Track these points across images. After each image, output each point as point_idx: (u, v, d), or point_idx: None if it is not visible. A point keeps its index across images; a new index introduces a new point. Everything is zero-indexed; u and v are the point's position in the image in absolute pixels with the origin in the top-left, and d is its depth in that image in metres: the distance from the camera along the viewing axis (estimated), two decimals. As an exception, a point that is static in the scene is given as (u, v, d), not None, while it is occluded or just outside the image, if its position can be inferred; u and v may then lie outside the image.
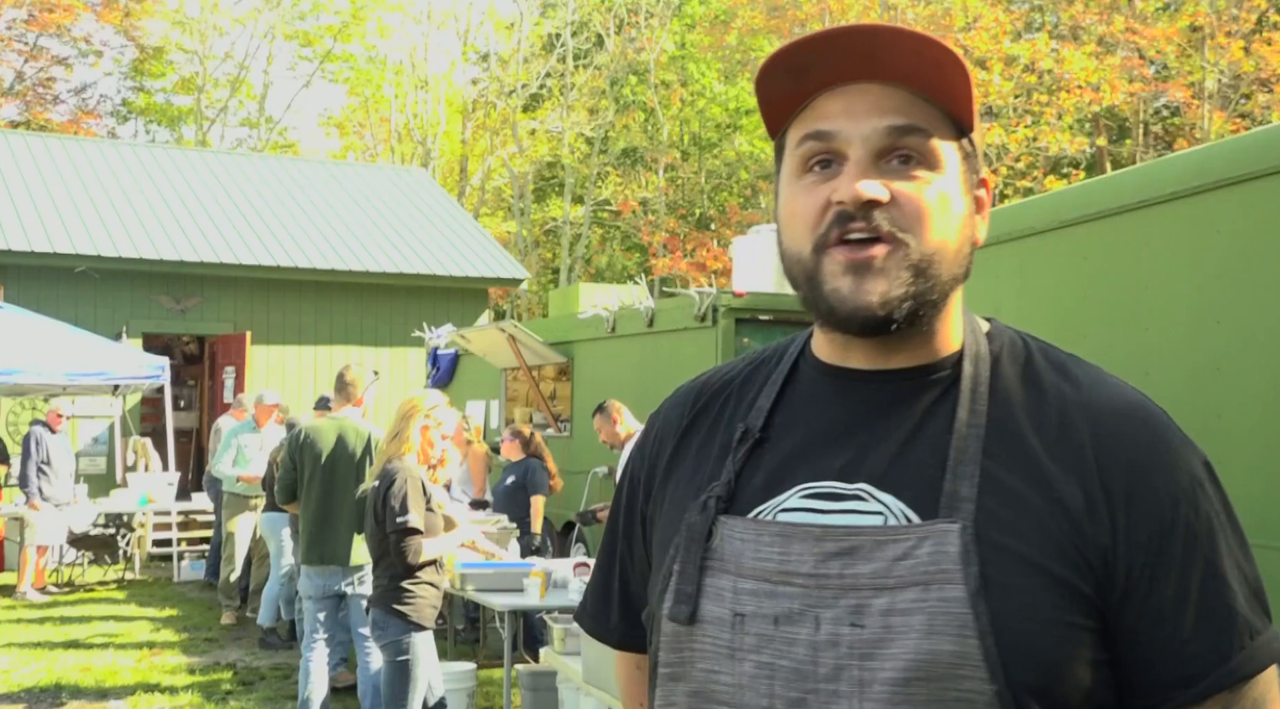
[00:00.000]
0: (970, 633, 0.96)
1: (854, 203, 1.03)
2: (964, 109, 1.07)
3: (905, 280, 1.03)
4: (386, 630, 4.56)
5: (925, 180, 1.05)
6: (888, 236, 1.03)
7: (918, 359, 1.10)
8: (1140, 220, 3.92)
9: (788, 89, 1.08)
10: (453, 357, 11.78)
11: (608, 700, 3.90)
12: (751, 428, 1.13)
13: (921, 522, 1.01)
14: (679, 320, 7.99)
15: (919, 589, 0.98)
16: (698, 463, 1.16)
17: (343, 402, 5.97)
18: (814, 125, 1.07)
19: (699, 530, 1.08)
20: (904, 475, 1.04)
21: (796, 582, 1.02)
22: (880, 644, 0.98)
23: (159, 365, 11.43)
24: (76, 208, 14.85)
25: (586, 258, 27.04)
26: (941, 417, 1.07)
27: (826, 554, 1.02)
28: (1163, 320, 3.80)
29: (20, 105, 27.57)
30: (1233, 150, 3.68)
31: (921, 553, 0.99)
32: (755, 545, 1.05)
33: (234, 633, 8.63)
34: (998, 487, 1.02)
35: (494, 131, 27.35)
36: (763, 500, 1.08)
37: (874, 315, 1.04)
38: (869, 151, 1.04)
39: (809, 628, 1.01)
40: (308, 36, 30.08)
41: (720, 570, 1.06)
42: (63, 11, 26.15)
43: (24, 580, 10.23)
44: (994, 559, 0.99)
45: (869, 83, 1.06)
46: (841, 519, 1.04)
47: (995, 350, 1.12)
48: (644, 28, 25.56)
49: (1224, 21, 16.68)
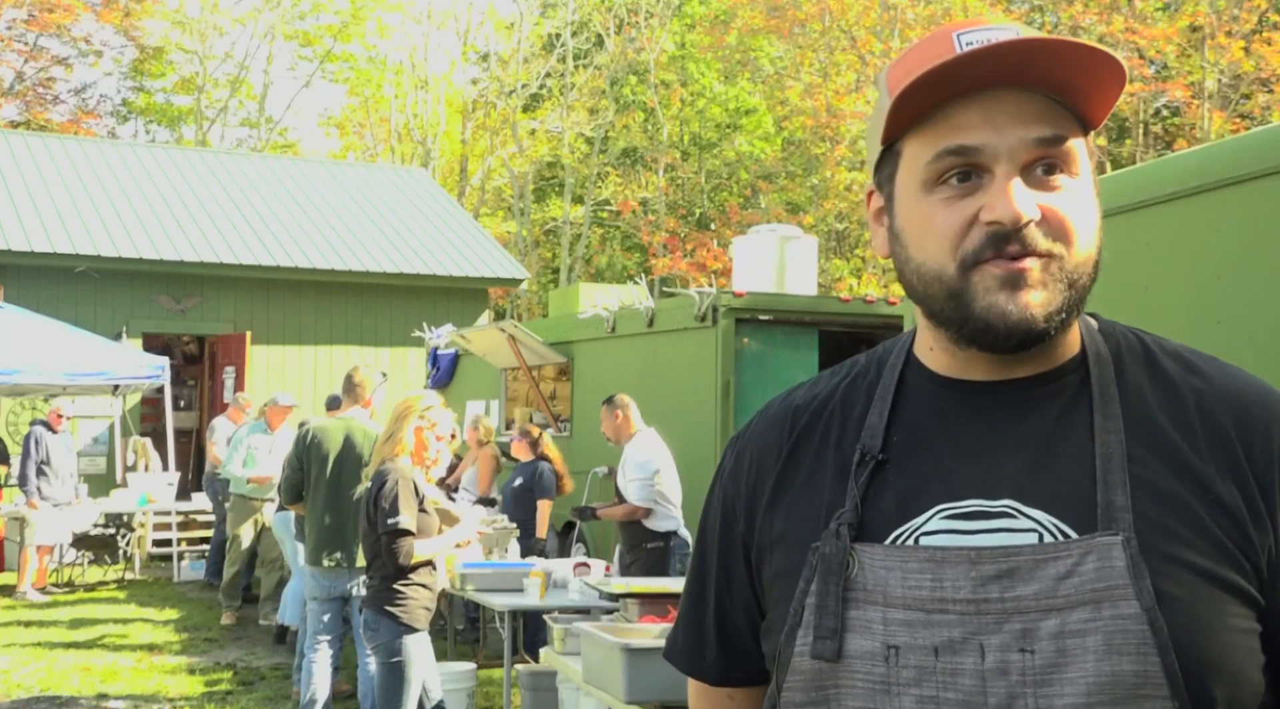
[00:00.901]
0: (1150, 650, 0.92)
1: (1013, 224, 0.99)
2: (1103, 112, 1.03)
3: (1061, 291, 1.00)
4: (379, 632, 4.56)
5: (1069, 190, 1.02)
6: (1045, 253, 1.00)
7: (1042, 366, 1.06)
8: (1140, 220, 3.92)
9: (922, 98, 1.02)
10: (453, 357, 11.78)
11: (608, 700, 3.90)
12: (870, 449, 1.07)
13: (1080, 536, 0.97)
14: (679, 320, 7.99)
15: (1090, 608, 0.94)
16: (810, 490, 1.10)
17: (350, 402, 5.97)
18: (954, 139, 1.01)
19: (835, 560, 1.02)
20: (1050, 488, 1.00)
21: (954, 609, 0.97)
22: (1055, 669, 0.94)
23: (159, 365, 11.44)
24: (76, 208, 14.85)
25: (586, 258, 27.04)
26: (1077, 423, 1.03)
27: (984, 577, 0.97)
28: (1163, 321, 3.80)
29: (20, 105, 27.57)
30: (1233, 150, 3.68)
31: (1086, 569, 0.95)
32: (902, 573, 1.00)
33: (234, 633, 8.63)
34: (1151, 491, 0.99)
35: (494, 131, 27.34)
36: (898, 524, 1.03)
37: (1035, 329, 1.00)
38: (1017, 166, 1.00)
39: (974, 657, 0.96)
40: (308, 36, 30.08)
41: (865, 602, 1.00)
42: (63, 11, 26.15)
43: (24, 580, 10.23)
44: (1163, 570, 0.95)
45: (1006, 90, 1.01)
46: (993, 539, 0.99)
47: (1113, 349, 1.08)
48: (644, 28, 25.55)
49: (1224, 21, 16.69)
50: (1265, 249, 3.46)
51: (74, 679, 7.18)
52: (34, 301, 13.05)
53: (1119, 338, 1.10)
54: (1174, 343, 1.11)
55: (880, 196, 1.11)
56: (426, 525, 4.63)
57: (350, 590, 5.62)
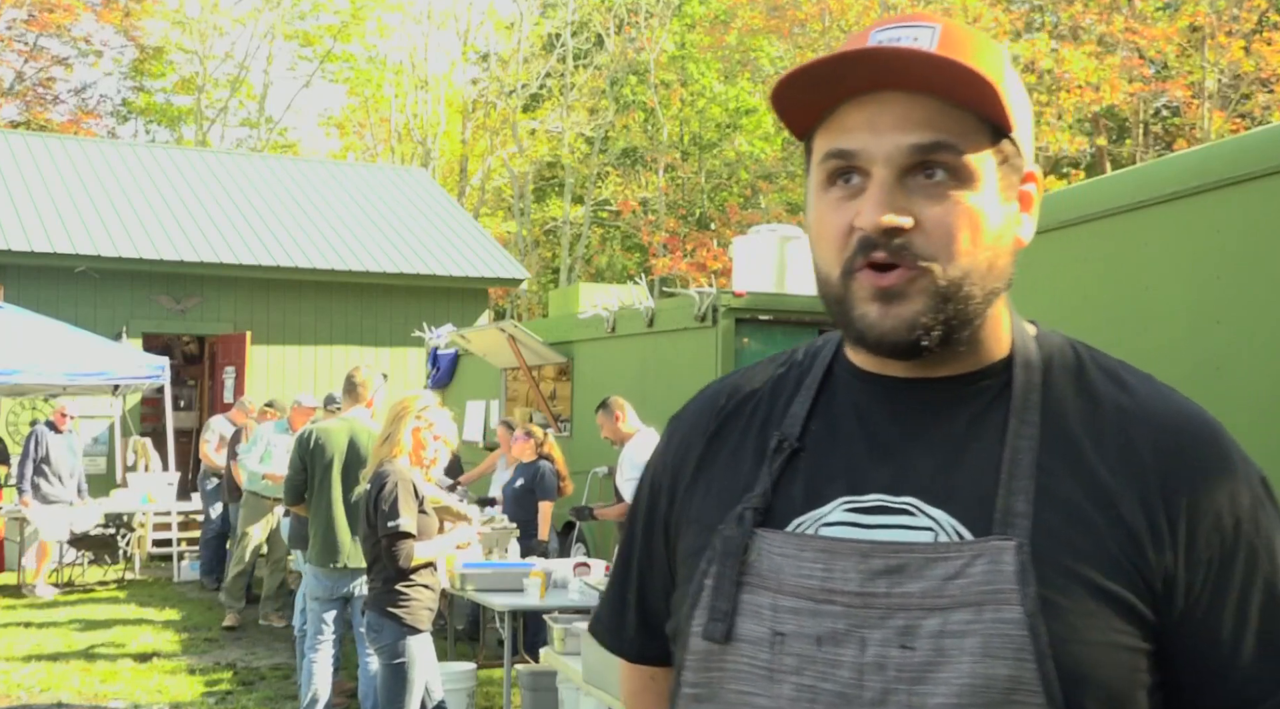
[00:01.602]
0: (1028, 656, 0.92)
1: (875, 232, 0.98)
2: (1001, 117, 1.00)
3: (933, 304, 0.99)
4: (381, 634, 4.56)
5: (955, 199, 0.99)
6: (910, 264, 0.99)
7: (963, 368, 1.06)
8: (1140, 220, 3.92)
9: (807, 100, 1.03)
10: (453, 357, 11.78)
11: (608, 700, 3.90)
12: (788, 436, 1.08)
13: (974, 538, 0.97)
14: (679, 320, 7.99)
15: (973, 610, 0.94)
16: (728, 471, 1.11)
17: (352, 402, 5.96)
18: (836, 141, 1.02)
19: (735, 544, 1.03)
20: (954, 489, 1.00)
21: (840, 600, 0.98)
22: (931, 668, 0.94)
23: (159, 365, 11.43)
24: (76, 208, 14.85)
25: (586, 258, 27.04)
26: (992, 427, 1.03)
27: (873, 571, 0.98)
28: (1163, 321, 3.80)
29: (20, 105, 27.56)
30: (1233, 150, 3.68)
31: (975, 572, 0.95)
32: (797, 561, 1.00)
33: (234, 633, 8.63)
34: (1054, 501, 0.98)
35: (494, 131, 27.34)
36: (802, 512, 1.03)
37: (901, 342, 1.00)
38: (893, 171, 0.99)
39: (854, 649, 0.96)
40: (308, 36, 30.07)
41: (759, 587, 1.01)
42: (63, 11, 26.14)
43: (39, 575, 10.34)
44: (1052, 579, 0.95)
45: (892, 92, 0.99)
46: (889, 535, 0.99)
47: (1045, 356, 1.07)
48: (644, 28, 25.55)
49: (1224, 21, 16.68)
50: (1265, 249, 3.46)
51: (74, 679, 7.18)
52: (34, 301, 13.05)
53: (1053, 347, 1.09)
54: (1111, 358, 1.10)
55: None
56: (426, 526, 4.63)
57: (352, 591, 5.63)
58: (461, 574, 5.86)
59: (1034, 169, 1.08)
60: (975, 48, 1.01)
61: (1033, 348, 1.08)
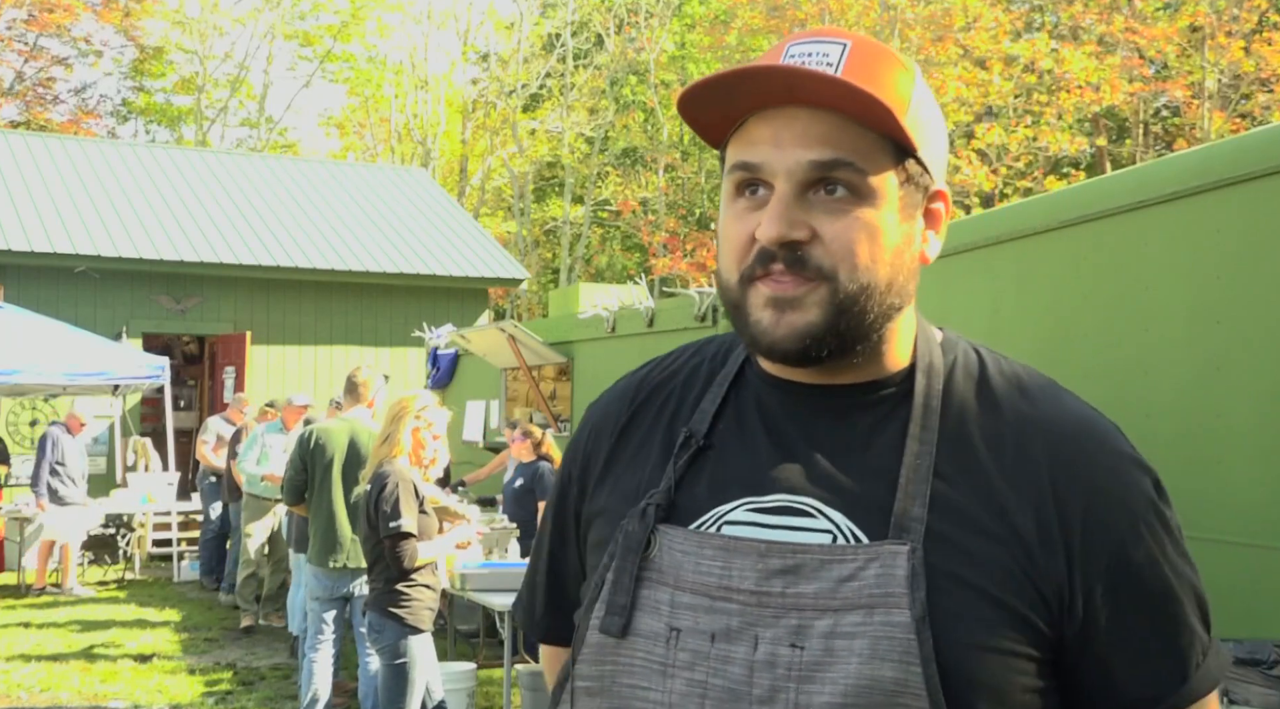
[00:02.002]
0: (913, 660, 0.93)
1: (772, 244, 1.01)
2: (899, 136, 1.02)
3: (827, 316, 1.01)
4: (383, 634, 4.56)
5: (854, 215, 1.01)
6: (811, 275, 1.01)
7: (865, 376, 1.07)
8: (1140, 220, 3.92)
9: (717, 112, 1.05)
10: (452, 357, 11.78)
11: (608, 701, 3.90)
12: (696, 433, 1.09)
13: (870, 542, 0.98)
14: (679, 320, 7.99)
15: (863, 612, 0.95)
16: (636, 464, 1.12)
17: (352, 402, 5.96)
18: (742, 154, 1.04)
19: (636, 539, 1.04)
20: (853, 493, 1.02)
21: (737, 598, 0.99)
22: (819, 667, 0.95)
23: (159, 365, 11.44)
24: (76, 208, 14.85)
25: (586, 258, 27.04)
26: (892, 433, 1.04)
27: (770, 571, 0.99)
28: (1163, 320, 3.80)
29: (20, 105, 27.57)
30: (1233, 150, 3.68)
31: (868, 575, 0.96)
32: (696, 558, 1.01)
33: (234, 633, 8.62)
34: (949, 508, 1.00)
35: (494, 131, 27.35)
36: (706, 510, 1.04)
37: (792, 350, 1.02)
38: (793, 185, 1.01)
39: (746, 647, 0.97)
40: (308, 36, 30.08)
41: (658, 582, 1.02)
42: (62, 11, 26.15)
43: (68, 578, 10.38)
44: (942, 585, 0.96)
45: (798, 108, 1.01)
46: (788, 536, 1.00)
47: (949, 363, 1.09)
48: (644, 28, 25.56)
49: (1224, 21, 16.68)
50: (1265, 249, 3.46)
51: (74, 679, 7.18)
52: (34, 302, 13.05)
53: (959, 353, 1.11)
54: (1017, 365, 1.11)
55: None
56: (427, 526, 4.63)
57: (352, 591, 5.63)
58: (461, 574, 5.86)
59: (943, 188, 1.10)
60: (883, 67, 1.02)
61: (937, 355, 1.09)
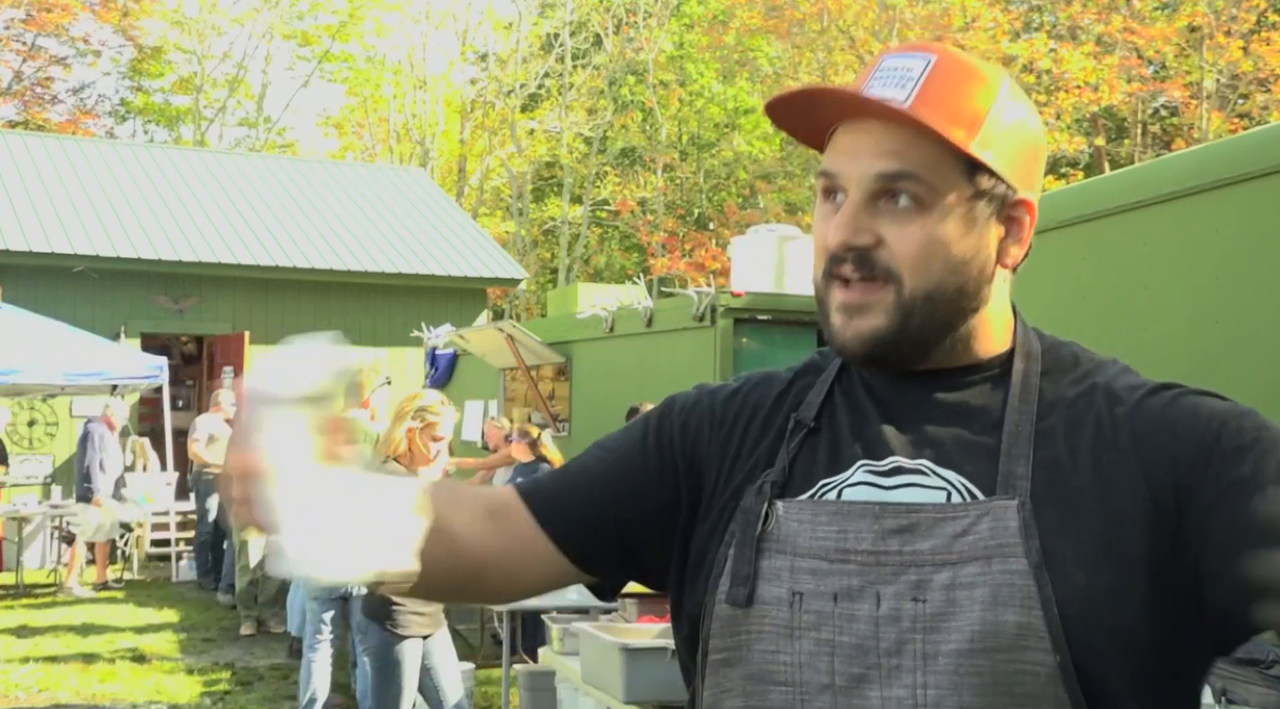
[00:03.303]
0: (1034, 604, 0.98)
1: (838, 249, 1.09)
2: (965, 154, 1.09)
3: (893, 320, 1.09)
4: (368, 635, 4.54)
5: (916, 223, 1.08)
6: (879, 277, 1.09)
7: (961, 361, 1.14)
8: (1138, 220, 3.92)
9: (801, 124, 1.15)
10: (451, 357, 11.78)
11: (606, 700, 3.90)
12: (804, 419, 1.16)
13: (982, 498, 1.04)
14: (677, 320, 7.99)
15: (981, 563, 1.01)
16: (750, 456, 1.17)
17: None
18: (826, 162, 1.13)
19: (754, 514, 1.10)
20: (964, 454, 1.08)
21: (855, 559, 1.04)
22: (943, 617, 1.00)
23: (157, 365, 11.42)
24: (75, 208, 14.84)
25: (585, 258, 27.04)
26: (994, 406, 1.11)
27: (886, 531, 1.04)
28: (1161, 320, 3.80)
29: (18, 105, 27.54)
30: (1231, 150, 3.68)
31: (981, 529, 1.02)
32: (812, 526, 1.07)
33: (232, 633, 8.61)
34: (1051, 466, 1.05)
35: (492, 131, 27.34)
36: (826, 477, 1.11)
37: (859, 353, 1.11)
38: (863, 194, 1.09)
39: (870, 604, 1.03)
40: (306, 36, 30.06)
41: (777, 552, 1.08)
42: (61, 11, 26.12)
43: (103, 574, 10.52)
44: (1052, 532, 1.01)
45: (874, 121, 1.09)
46: (903, 494, 1.07)
47: (1045, 349, 1.16)
48: (642, 28, 25.55)
49: (1222, 21, 16.68)
50: (1264, 249, 3.46)
51: (72, 680, 7.18)
52: (32, 301, 13.03)
53: (1049, 343, 1.18)
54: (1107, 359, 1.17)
55: None
56: None
57: (350, 591, 5.63)
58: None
59: (1028, 197, 1.15)
60: (962, 83, 1.09)
61: (1034, 342, 1.17)
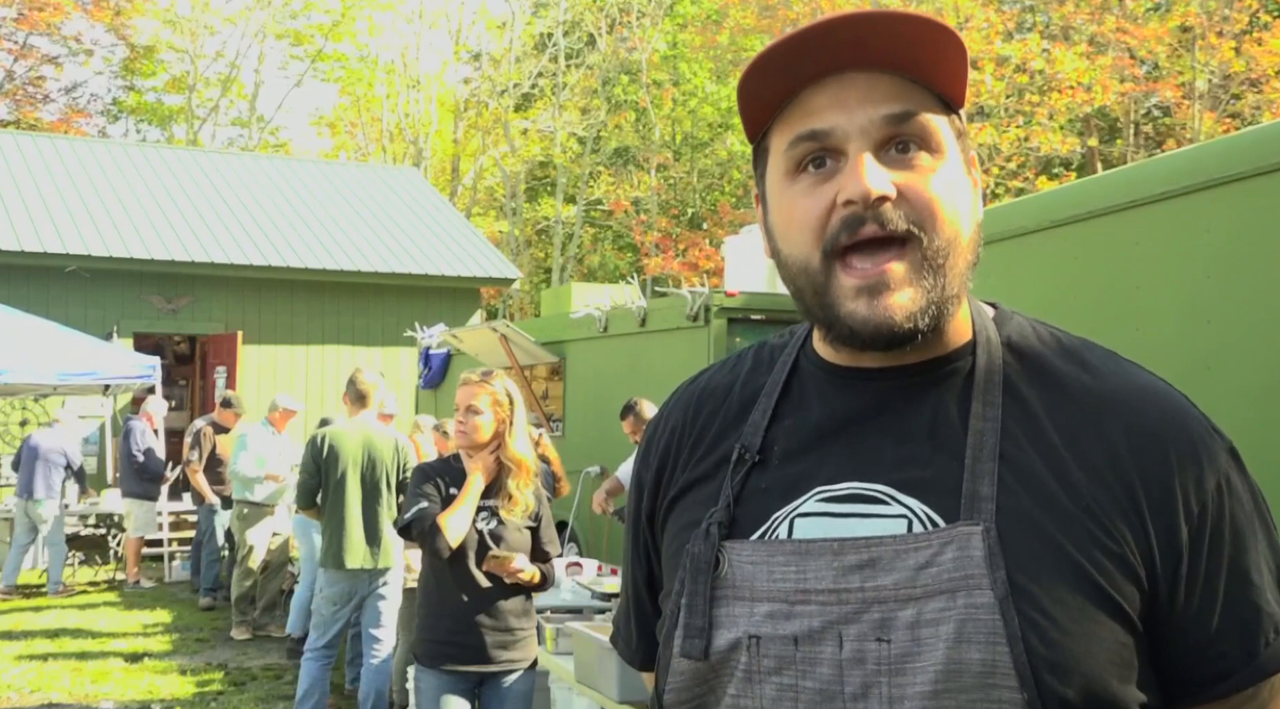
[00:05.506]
0: (1000, 640, 0.92)
1: (864, 201, 0.97)
2: (957, 88, 1.02)
3: (926, 286, 0.99)
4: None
5: (930, 167, 0.99)
6: (904, 234, 0.98)
7: (932, 352, 1.05)
8: (1131, 220, 3.93)
9: (771, 88, 1.02)
10: (445, 356, 11.76)
11: (599, 700, 3.90)
12: (749, 448, 1.07)
13: (944, 526, 0.96)
14: (671, 320, 7.99)
15: (946, 597, 0.94)
16: (699, 480, 1.11)
17: (360, 408, 5.95)
18: (806, 124, 1.00)
19: (704, 560, 1.02)
20: (925, 476, 1.00)
21: (815, 599, 0.97)
22: (909, 658, 0.94)
23: (150, 365, 11.41)
24: (67, 207, 14.81)
25: (579, 257, 27.03)
26: (957, 411, 1.02)
27: (846, 567, 0.97)
28: (1153, 320, 3.81)
29: (10, 104, 27.48)
30: (1223, 150, 3.69)
31: (945, 559, 0.95)
32: (768, 567, 1.00)
33: (225, 634, 8.60)
34: (1020, 484, 0.98)
35: (486, 131, 27.32)
36: (776, 510, 1.03)
37: (897, 332, 0.99)
38: (870, 144, 0.99)
39: (832, 646, 0.96)
40: (299, 35, 30.02)
41: (733, 599, 1.01)
42: (53, 10, 26.07)
43: (134, 572, 10.62)
44: (1021, 562, 0.94)
45: (854, 72, 1.00)
46: (861, 524, 0.99)
47: (1005, 338, 1.07)
48: (636, 27, 25.55)
49: (1215, 22, 16.72)
50: (1255, 249, 3.47)
51: (65, 680, 7.16)
52: (24, 301, 13.01)
53: (1014, 328, 1.08)
54: (1074, 337, 1.08)
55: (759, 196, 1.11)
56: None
57: (365, 592, 5.68)
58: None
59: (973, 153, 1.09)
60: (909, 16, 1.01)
61: (991, 330, 1.07)
